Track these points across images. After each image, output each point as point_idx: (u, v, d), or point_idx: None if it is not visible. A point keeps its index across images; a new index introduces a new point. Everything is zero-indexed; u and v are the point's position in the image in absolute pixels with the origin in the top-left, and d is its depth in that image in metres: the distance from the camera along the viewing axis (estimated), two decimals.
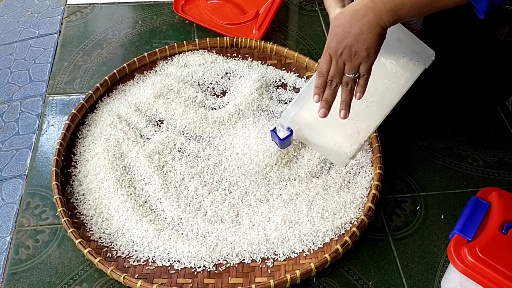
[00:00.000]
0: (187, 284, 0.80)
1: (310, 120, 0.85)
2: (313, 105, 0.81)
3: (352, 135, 0.85)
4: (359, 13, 0.74)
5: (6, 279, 0.82)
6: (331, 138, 0.86)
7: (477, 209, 0.76)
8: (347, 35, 0.74)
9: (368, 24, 0.73)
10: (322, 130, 0.86)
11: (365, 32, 0.73)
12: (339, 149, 0.86)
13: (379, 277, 0.82)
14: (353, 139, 0.85)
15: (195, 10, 1.30)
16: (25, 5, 1.39)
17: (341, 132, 0.85)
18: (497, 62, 1.20)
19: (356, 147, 0.85)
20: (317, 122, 0.83)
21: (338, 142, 0.85)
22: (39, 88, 1.13)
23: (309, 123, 0.85)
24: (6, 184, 0.95)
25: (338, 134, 0.85)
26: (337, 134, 0.85)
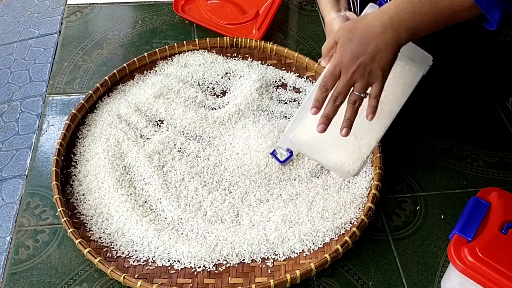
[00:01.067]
0: (187, 284, 0.80)
1: (309, 140, 0.84)
2: (311, 125, 0.79)
3: (354, 151, 0.83)
4: (376, 31, 0.71)
5: (6, 279, 0.82)
6: (332, 157, 0.84)
7: (477, 209, 0.76)
8: (362, 53, 0.70)
9: (385, 43, 0.70)
10: (322, 149, 0.84)
11: (382, 51, 0.71)
12: (341, 167, 0.84)
13: (379, 277, 0.82)
14: (355, 156, 0.83)
15: (195, 10, 1.30)
16: (25, 5, 1.39)
17: (342, 150, 0.83)
18: (497, 62, 1.20)
19: (359, 164, 0.83)
20: (317, 141, 0.83)
21: (340, 160, 0.84)
22: (39, 88, 1.13)
23: (309, 143, 0.84)
24: (6, 184, 0.95)
25: (339, 152, 0.83)
26: (338, 152, 0.83)
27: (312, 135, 0.81)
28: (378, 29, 0.71)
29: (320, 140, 0.81)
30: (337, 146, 0.82)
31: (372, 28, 0.71)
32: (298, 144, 0.84)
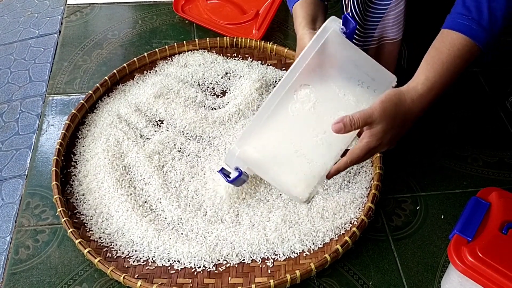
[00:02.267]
0: (187, 284, 0.80)
1: (258, 158, 0.77)
2: (261, 141, 0.75)
3: (306, 175, 0.77)
4: (415, 115, 0.77)
5: (6, 279, 0.82)
6: (282, 179, 0.78)
7: (477, 209, 0.76)
8: (399, 134, 0.77)
9: (417, 118, 0.78)
10: (272, 171, 0.77)
11: (411, 125, 0.79)
12: (291, 191, 0.78)
13: (379, 277, 0.82)
14: (307, 181, 0.77)
15: (195, 10, 1.30)
16: (25, 5, 1.40)
17: (293, 174, 0.77)
18: (497, 62, 1.20)
19: (310, 190, 0.78)
20: (266, 161, 0.77)
21: (289, 183, 0.78)
22: (39, 88, 1.14)
23: (257, 162, 0.77)
24: (6, 184, 0.96)
25: (291, 176, 0.77)
26: (289, 175, 0.77)
27: (261, 153, 0.76)
28: (417, 114, 0.78)
29: (270, 161, 0.76)
30: (289, 168, 0.77)
31: (413, 114, 0.77)
32: (247, 162, 0.76)
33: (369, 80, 0.77)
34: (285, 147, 0.75)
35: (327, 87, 0.76)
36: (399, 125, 0.76)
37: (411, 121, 0.78)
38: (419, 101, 0.76)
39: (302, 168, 0.76)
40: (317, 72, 0.75)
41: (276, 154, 0.76)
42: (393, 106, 0.74)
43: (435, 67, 0.77)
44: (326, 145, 0.76)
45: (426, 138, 1.03)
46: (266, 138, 0.76)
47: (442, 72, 0.77)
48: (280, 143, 0.76)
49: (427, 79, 0.77)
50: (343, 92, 0.77)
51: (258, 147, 0.76)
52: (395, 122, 0.74)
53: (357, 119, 0.73)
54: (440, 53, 0.78)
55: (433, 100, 0.78)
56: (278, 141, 0.77)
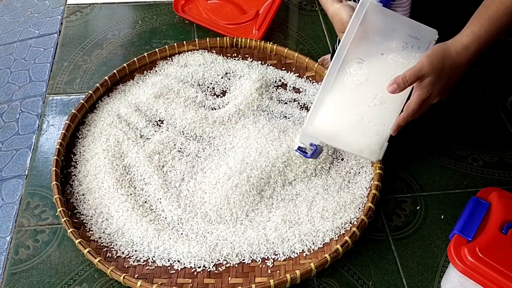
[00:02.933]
0: (187, 284, 0.80)
1: (329, 132, 0.84)
2: (329, 116, 0.82)
3: (374, 138, 0.84)
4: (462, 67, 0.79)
5: (6, 279, 0.82)
6: (355, 144, 0.85)
7: (477, 209, 0.76)
8: (449, 86, 0.80)
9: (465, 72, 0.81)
10: (343, 138, 0.85)
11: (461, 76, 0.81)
12: (364, 153, 0.85)
13: (379, 277, 0.82)
14: (376, 142, 0.84)
15: (195, 10, 1.30)
16: (25, 5, 1.40)
17: (362, 137, 0.84)
18: (497, 62, 1.20)
19: (381, 149, 0.85)
20: (336, 133, 0.84)
21: (361, 147, 0.84)
22: (39, 88, 1.14)
23: (329, 135, 0.85)
24: (6, 184, 0.95)
25: (361, 139, 0.84)
26: (359, 139, 0.84)
27: (330, 126, 0.83)
28: (464, 65, 0.79)
29: (340, 130, 0.83)
30: (357, 135, 0.84)
31: (459, 66, 0.79)
32: (319, 137, 0.85)
33: (412, 39, 0.81)
34: (349, 117, 0.83)
35: (376, 55, 0.82)
36: (447, 77, 0.79)
37: (459, 72, 0.80)
38: (465, 53, 0.79)
39: (369, 132, 0.83)
40: (364, 44, 0.81)
41: (343, 125, 0.83)
42: (440, 58, 0.78)
43: (481, 21, 0.79)
44: (385, 106, 0.82)
45: (426, 138, 1.03)
46: (331, 113, 0.83)
47: (488, 26, 0.79)
48: (345, 115, 0.83)
49: (472, 32, 0.79)
50: (391, 57, 0.82)
51: (326, 122, 0.84)
52: (442, 73, 0.78)
53: (408, 77, 0.77)
54: (488, 9, 0.80)
55: (478, 53, 0.79)
56: (342, 113, 0.83)
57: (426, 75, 0.77)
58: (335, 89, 0.82)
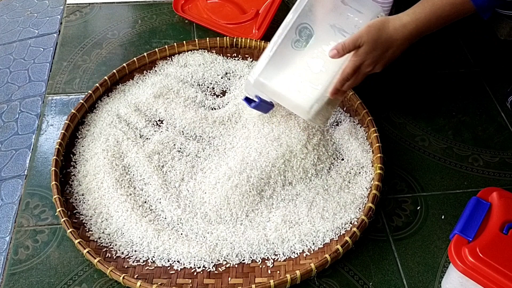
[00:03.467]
0: (187, 285, 0.80)
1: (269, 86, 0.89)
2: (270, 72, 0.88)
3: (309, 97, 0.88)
4: (397, 43, 0.84)
5: (6, 279, 0.81)
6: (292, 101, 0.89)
7: (477, 209, 0.76)
8: (382, 58, 0.85)
9: (402, 50, 0.86)
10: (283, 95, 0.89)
11: (397, 55, 0.86)
12: (298, 111, 0.90)
13: (380, 278, 0.82)
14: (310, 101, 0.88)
15: (195, 9, 1.30)
16: (25, 5, 1.39)
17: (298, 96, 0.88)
18: (497, 62, 1.20)
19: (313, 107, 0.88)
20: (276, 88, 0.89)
21: (296, 104, 0.89)
22: (39, 88, 1.13)
23: (269, 89, 0.89)
24: (5, 184, 0.95)
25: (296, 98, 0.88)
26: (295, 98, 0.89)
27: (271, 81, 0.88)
28: (399, 42, 0.85)
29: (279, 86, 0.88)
30: (293, 92, 0.89)
31: (394, 41, 0.84)
32: (261, 89, 0.90)
33: (357, 13, 0.88)
34: (289, 75, 0.88)
35: (322, 23, 0.88)
36: (381, 49, 0.84)
37: (394, 48, 0.85)
38: (401, 30, 0.84)
39: (305, 92, 0.88)
40: (314, 11, 0.88)
41: (282, 82, 0.88)
42: (377, 30, 0.83)
43: (425, 5, 0.84)
44: (321, 71, 0.88)
45: (426, 138, 1.03)
46: (274, 69, 0.88)
47: (430, 11, 0.83)
48: (285, 73, 0.89)
49: (414, 13, 0.84)
50: (335, 26, 0.89)
51: (268, 77, 0.89)
52: (377, 45, 0.83)
53: (347, 44, 0.84)
54: None
55: (416, 34, 0.84)
56: (284, 71, 0.89)
57: (362, 43, 0.83)
58: (282, 48, 0.88)
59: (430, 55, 1.21)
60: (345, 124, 1.02)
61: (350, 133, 0.99)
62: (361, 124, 1.02)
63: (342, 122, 1.03)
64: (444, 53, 1.22)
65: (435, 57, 1.20)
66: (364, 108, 1.02)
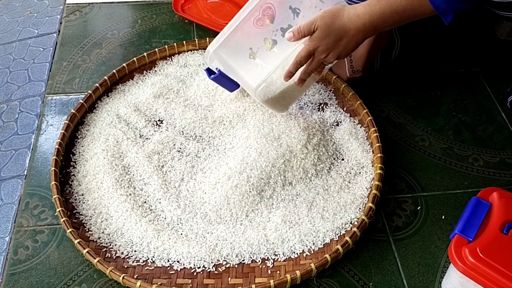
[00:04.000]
0: (187, 285, 0.80)
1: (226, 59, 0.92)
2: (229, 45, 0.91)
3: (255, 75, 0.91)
4: (351, 33, 0.84)
5: (5, 279, 0.81)
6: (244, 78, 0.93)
7: (478, 210, 0.76)
8: (335, 46, 0.86)
9: (355, 41, 0.86)
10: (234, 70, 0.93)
11: (351, 46, 0.86)
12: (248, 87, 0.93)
13: (380, 278, 0.82)
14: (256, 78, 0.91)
15: (195, 9, 1.29)
16: (24, 5, 1.39)
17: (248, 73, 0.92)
18: (497, 62, 1.20)
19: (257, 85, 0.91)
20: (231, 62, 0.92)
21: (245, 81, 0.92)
22: (38, 88, 1.13)
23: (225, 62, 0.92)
24: (5, 184, 0.95)
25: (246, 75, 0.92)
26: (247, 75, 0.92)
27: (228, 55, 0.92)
28: (352, 31, 0.84)
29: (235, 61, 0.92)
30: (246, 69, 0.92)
31: (347, 30, 0.84)
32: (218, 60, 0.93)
33: (319, 2, 0.90)
34: (245, 52, 0.92)
35: (285, 6, 0.90)
36: (334, 36, 0.84)
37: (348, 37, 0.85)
38: (355, 20, 0.84)
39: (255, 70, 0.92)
40: None
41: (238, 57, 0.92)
42: (332, 17, 0.84)
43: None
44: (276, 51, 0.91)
45: (426, 138, 1.03)
46: (233, 43, 0.91)
47: (385, 4, 0.82)
48: (242, 49, 0.92)
49: (369, 5, 0.83)
50: (296, 10, 0.91)
51: (226, 50, 0.92)
52: (330, 31, 0.84)
53: (302, 27, 0.85)
54: None
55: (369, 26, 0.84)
56: (241, 46, 0.92)
57: (316, 29, 0.85)
58: (243, 23, 0.90)
59: (430, 55, 1.20)
60: (345, 124, 1.02)
61: (350, 133, 0.99)
62: (361, 124, 1.02)
63: (342, 122, 1.03)
64: (444, 53, 1.21)
65: (435, 57, 1.20)
66: (364, 108, 1.02)
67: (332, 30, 0.84)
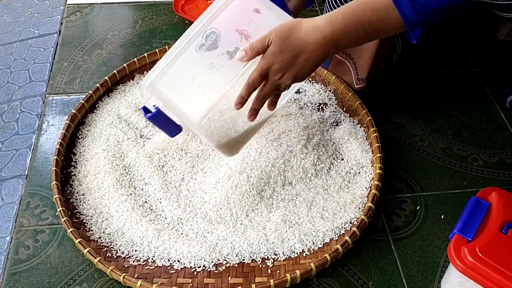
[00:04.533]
0: (187, 284, 0.80)
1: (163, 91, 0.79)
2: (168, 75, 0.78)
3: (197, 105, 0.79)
4: (309, 47, 0.74)
5: (6, 279, 0.81)
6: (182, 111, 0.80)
7: (477, 209, 0.76)
8: (292, 64, 0.75)
9: (314, 59, 0.75)
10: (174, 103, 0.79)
11: (309, 65, 0.75)
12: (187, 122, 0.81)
13: (379, 277, 0.82)
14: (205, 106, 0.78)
15: (195, 10, 1.30)
16: (25, 5, 1.39)
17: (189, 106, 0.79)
18: (497, 62, 1.20)
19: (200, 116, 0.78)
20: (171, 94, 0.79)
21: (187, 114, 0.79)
22: (39, 88, 1.13)
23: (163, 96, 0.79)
24: (6, 184, 0.95)
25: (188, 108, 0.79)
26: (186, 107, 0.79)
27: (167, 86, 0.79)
28: (310, 46, 0.74)
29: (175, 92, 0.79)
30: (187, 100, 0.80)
31: (305, 44, 0.74)
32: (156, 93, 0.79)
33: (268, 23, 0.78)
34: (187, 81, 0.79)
35: (231, 29, 0.79)
36: (290, 51, 0.74)
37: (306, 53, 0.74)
38: (313, 32, 0.74)
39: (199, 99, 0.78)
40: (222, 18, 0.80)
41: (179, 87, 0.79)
42: (287, 30, 0.74)
43: (344, 8, 0.75)
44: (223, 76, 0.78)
45: (426, 138, 1.03)
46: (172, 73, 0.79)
47: (348, 14, 0.74)
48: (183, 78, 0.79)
49: (330, 15, 0.75)
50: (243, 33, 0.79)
51: (163, 81, 0.79)
52: (286, 46, 0.74)
53: (255, 43, 0.75)
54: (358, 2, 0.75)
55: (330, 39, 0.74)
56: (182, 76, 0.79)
57: (270, 43, 0.74)
58: (184, 51, 0.80)
59: (429, 55, 1.21)
60: (345, 124, 1.02)
61: (350, 133, 1.00)
62: (361, 124, 1.02)
63: (342, 122, 1.03)
64: (443, 53, 1.22)
65: (435, 57, 1.21)
66: (364, 108, 1.02)
67: (287, 44, 0.73)
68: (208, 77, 0.79)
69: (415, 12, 0.71)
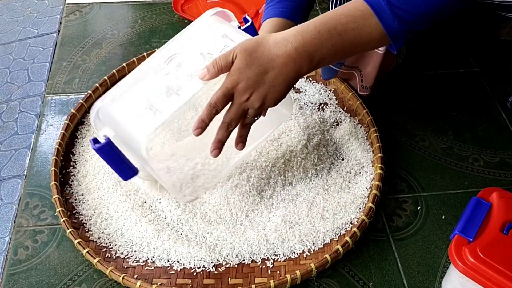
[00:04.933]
0: (187, 285, 0.80)
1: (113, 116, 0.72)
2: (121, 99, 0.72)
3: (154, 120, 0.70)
4: (278, 61, 0.66)
5: (5, 279, 0.81)
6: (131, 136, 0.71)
7: (478, 210, 0.76)
8: (259, 82, 0.66)
9: (285, 75, 0.66)
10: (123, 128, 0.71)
11: (280, 84, 0.67)
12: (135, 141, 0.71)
13: (380, 278, 0.82)
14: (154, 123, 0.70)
15: (195, 9, 1.29)
16: (24, 5, 1.39)
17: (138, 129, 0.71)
18: (497, 62, 1.20)
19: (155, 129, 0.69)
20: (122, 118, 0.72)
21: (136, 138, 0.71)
22: (38, 88, 1.13)
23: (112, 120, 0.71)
24: (4, 184, 0.95)
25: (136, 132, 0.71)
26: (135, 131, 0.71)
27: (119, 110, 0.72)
28: (280, 59, 0.66)
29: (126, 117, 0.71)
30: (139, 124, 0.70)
31: (274, 57, 0.66)
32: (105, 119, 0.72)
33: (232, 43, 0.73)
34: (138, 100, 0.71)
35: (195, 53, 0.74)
36: (257, 67, 0.65)
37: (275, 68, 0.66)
38: (282, 44, 0.66)
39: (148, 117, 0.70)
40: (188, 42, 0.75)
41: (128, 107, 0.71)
42: (254, 44, 0.66)
43: (318, 17, 0.68)
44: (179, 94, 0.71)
45: (426, 138, 1.03)
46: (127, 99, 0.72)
47: (321, 23, 0.66)
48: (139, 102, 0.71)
49: (301, 26, 0.67)
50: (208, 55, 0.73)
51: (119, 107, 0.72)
52: (252, 60, 0.65)
53: (219, 59, 0.67)
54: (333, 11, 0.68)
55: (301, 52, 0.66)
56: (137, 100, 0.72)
57: (235, 58, 0.66)
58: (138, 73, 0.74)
59: (430, 55, 1.20)
60: (345, 124, 1.02)
61: (350, 133, 0.99)
62: (361, 124, 1.02)
63: (342, 122, 1.03)
64: (444, 53, 1.21)
65: (436, 57, 1.20)
66: (364, 108, 1.02)
67: (254, 58, 0.65)
68: (163, 100, 0.70)
69: (397, 19, 0.65)
